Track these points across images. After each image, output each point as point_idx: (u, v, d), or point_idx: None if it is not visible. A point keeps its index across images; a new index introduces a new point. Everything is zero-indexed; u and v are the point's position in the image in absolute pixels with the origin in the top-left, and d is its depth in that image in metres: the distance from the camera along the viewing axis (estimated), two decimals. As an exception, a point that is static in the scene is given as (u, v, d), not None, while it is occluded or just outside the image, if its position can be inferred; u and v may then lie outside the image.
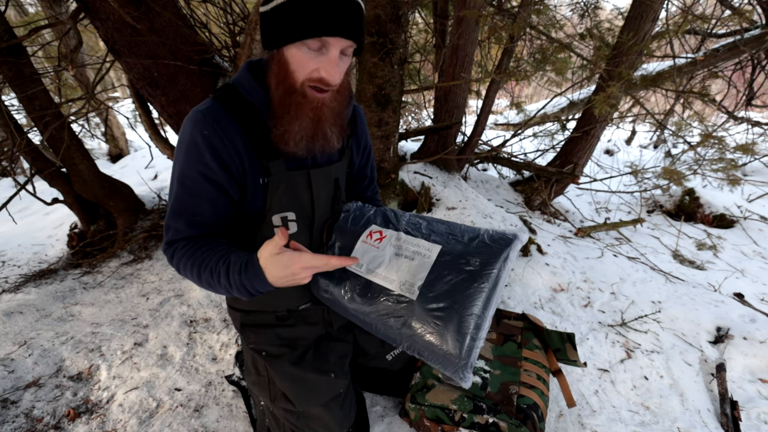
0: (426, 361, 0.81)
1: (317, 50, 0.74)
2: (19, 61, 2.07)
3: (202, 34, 2.11)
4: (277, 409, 1.08)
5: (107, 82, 8.86)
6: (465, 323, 0.75)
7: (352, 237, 0.95)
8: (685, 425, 1.33)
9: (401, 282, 0.83)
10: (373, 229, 0.94)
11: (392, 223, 0.95)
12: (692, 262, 2.78)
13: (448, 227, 0.90)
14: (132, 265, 2.46)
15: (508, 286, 2.00)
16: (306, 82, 0.78)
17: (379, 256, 0.89)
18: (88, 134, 4.20)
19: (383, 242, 0.91)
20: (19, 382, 1.56)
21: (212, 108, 0.83)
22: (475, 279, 0.78)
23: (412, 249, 0.87)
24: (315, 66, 0.76)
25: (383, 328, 0.85)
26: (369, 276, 0.87)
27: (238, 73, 0.88)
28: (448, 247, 0.84)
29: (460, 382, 0.76)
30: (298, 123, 0.81)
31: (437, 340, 0.77)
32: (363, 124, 1.09)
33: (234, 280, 0.77)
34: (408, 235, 0.90)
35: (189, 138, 0.82)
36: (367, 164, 1.16)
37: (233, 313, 1.13)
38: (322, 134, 0.84)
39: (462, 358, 0.74)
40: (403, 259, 0.86)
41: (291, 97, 0.79)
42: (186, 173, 0.83)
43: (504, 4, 2.92)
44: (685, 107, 3.43)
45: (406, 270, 0.84)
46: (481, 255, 0.81)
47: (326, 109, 0.82)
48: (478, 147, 3.47)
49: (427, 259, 0.84)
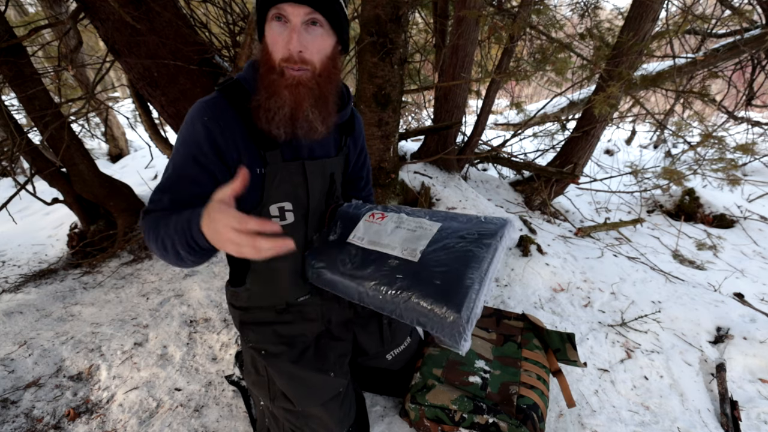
0: (423, 326, 0.80)
1: (283, 24, 0.77)
2: (19, 61, 2.07)
3: (202, 34, 2.11)
4: (276, 408, 1.08)
5: (107, 82, 8.86)
6: (467, 280, 0.77)
7: (355, 218, 1.00)
8: (685, 425, 1.33)
9: (403, 248, 0.88)
10: (376, 211, 1.00)
11: (394, 211, 1.01)
12: (692, 262, 2.78)
13: (446, 214, 0.97)
14: (132, 265, 2.46)
15: (507, 286, 2.00)
16: (282, 61, 0.80)
17: (381, 230, 0.94)
18: (88, 134, 4.20)
19: (385, 220, 0.96)
20: (19, 382, 1.56)
21: (215, 98, 0.87)
22: (475, 246, 0.84)
23: (413, 224, 0.93)
24: (283, 41, 0.78)
25: (380, 298, 0.85)
26: (370, 246, 0.92)
27: (243, 69, 0.93)
28: (447, 225, 0.91)
29: (457, 347, 0.77)
30: (274, 100, 0.82)
31: (437, 302, 0.76)
32: (360, 126, 1.13)
33: (180, 225, 0.73)
34: (407, 216, 0.96)
35: (190, 123, 0.85)
36: (363, 166, 1.19)
37: (233, 311, 1.14)
38: (303, 116, 0.84)
39: (461, 319, 0.74)
40: (405, 230, 0.92)
41: (269, 76, 0.82)
42: (180, 154, 0.85)
43: (504, 4, 2.92)
44: (685, 107, 3.43)
45: (408, 238, 0.90)
46: (479, 230, 0.88)
47: (303, 89, 0.82)
48: (478, 147, 3.47)
49: (428, 231, 0.90)
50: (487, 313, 1.56)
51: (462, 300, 0.75)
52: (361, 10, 1.86)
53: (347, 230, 0.98)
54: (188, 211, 0.75)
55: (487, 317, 1.53)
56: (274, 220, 0.93)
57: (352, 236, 0.96)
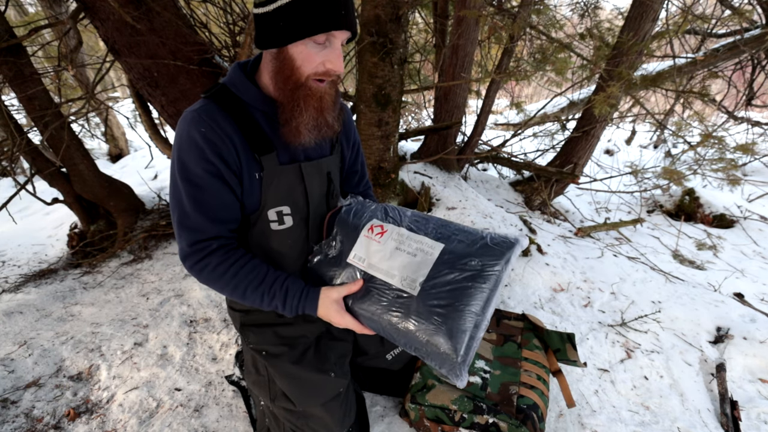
0: (422, 358, 0.82)
1: (322, 44, 0.79)
2: (19, 61, 2.07)
3: (202, 34, 2.11)
4: (277, 408, 1.08)
5: (107, 82, 8.86)
6: (465, 321, 0.76)
7: (354, 231, 0.95)
8: (685, 425, 1.33)
9: (402, 277, 0.84)
10: (375, 223, 0.94)
11: (395, 219, 0.95)
12: (692, 262, 2.78)
13: (450, 228, 0.90)
14: (132, 265, 2.46)
15: (507, 286, 2.00)
16: (311, 76, 0.81)
17: (380, 251, 0.89)
18: (88, 134, 4.20)
19: (385, 236, 0.91)
20: (19, 382, 1.56)
21: (206, 106, 0.85)
22: (477, 279, 0.79)
23: (414, 245, 0.87)
24: (321, 59, 0.80)
25: (379, 323, 0.85)
26: (370, 270, 0.88)
27: (228, 74, 0.91)
28: (451, 247, 0.84)
29: (455, 381, 0.76)
30: (308, 114, 0.85)
31: (435, 337, 0.77)
32: (350, 119, 1.12)
33: (291, 305, 0.90)
34: (410, 232, 0.90)
35: (187, 137, 0.83)
36: (357, 160, 1.18)
37: (233, 314, 1.13)
38: (325, 122, 0.89)
39: (460, 356, 0.75)
40: (405, 254, 0.86)
41: (299, 91, 0.83)
42: (193, 171, 0.84)
43: (504, 4, 2.91)
44: (685, 107, 3.43)
45: (407, 265, 0.85)
46: (483, 256, 0.81)
47: (327, 98, 0.86)
48: (478, 147, 3.47)
49: (429, 257, 0.84)
50: (487, 313, 1.56)
51: (459, 344, 0.75)
52: (361, 10, 1.86)
53: (347, 246, 0.94)
54: (290, 285, 0.91)
55: (487, 317, 1.53)
56: (272, 224, 0.93)
57: (352, 256, 0.92)
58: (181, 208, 0.86)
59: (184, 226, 0.87)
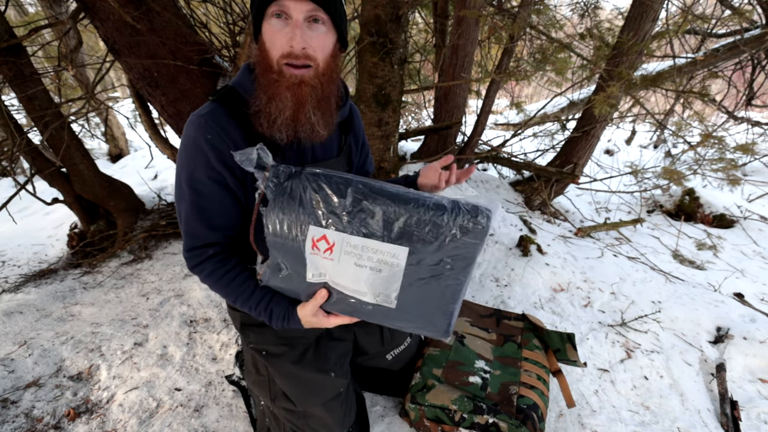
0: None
1: (283, 21, 0.75)
2: (19, 60, 2.07)
3: (202, 34, 2.10)
4: (277, 408, 1.08)
5: (107, 82, 8.86)
6: (449, 315, 0.83)
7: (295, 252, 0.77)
8: (685, 425, 1.33)
9: (375, 294, 0.78)
10: (315, 234, 0.74)
11: (332, 209, 0.73)
12: (692, 262, 2.78)
13: (405, 211, 0.72)
14: (132, 265, 2.46)
15: (507, 286, 2.00)
16: (281, 59, 0.77)
17: (338, 270, 0.76)
18: (88, 134, 4.20)
19: (335, 252, 0.75)
20: (19, 382, 1.56)
21: (213, 111, 0.84)
22: (453, 278, 0.77)
23: (375, 257, 0.74)
24: (285, 38, 0.75)
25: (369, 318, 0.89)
26: (337, 287, 0.80)
27: (237, 74, 0.89)
28: (416, 248, 0.73)
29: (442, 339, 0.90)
30: (275, 103, 0.80)
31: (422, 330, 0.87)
32: (359, 119, 1.10)
33: (276, 324, 0.92)
34: (360, 238, 0.73)
35: (193, 143, 0.82)
36: (365, 162, 1.18)
37: (233, 314, 1.13)
38: (306, 118, 0.82)
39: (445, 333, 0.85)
40: (368, 270, 0.75)
41: (268, 75, 0.79)
42: (197, 178, 0.84)
43: (504, 4, 2.91)
44: (685, 107, 3.43)
45: (375, 283, 0.76)
46: (456, 256, 0.74)
47: (306, 88, 0.79)
48: (478, 147, 3.47)
49: (396, 268, 0.74)
50: (487, 314, 1.56)
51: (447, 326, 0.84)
52: (361, 10, 1.86)
53: (296, 266, 0.79)
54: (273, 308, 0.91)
55: (487, 317, 1.53)
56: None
57: (310, 276, 0.79)
58: (186, 212, 0.87)
59: (184, 231, 0.89)
